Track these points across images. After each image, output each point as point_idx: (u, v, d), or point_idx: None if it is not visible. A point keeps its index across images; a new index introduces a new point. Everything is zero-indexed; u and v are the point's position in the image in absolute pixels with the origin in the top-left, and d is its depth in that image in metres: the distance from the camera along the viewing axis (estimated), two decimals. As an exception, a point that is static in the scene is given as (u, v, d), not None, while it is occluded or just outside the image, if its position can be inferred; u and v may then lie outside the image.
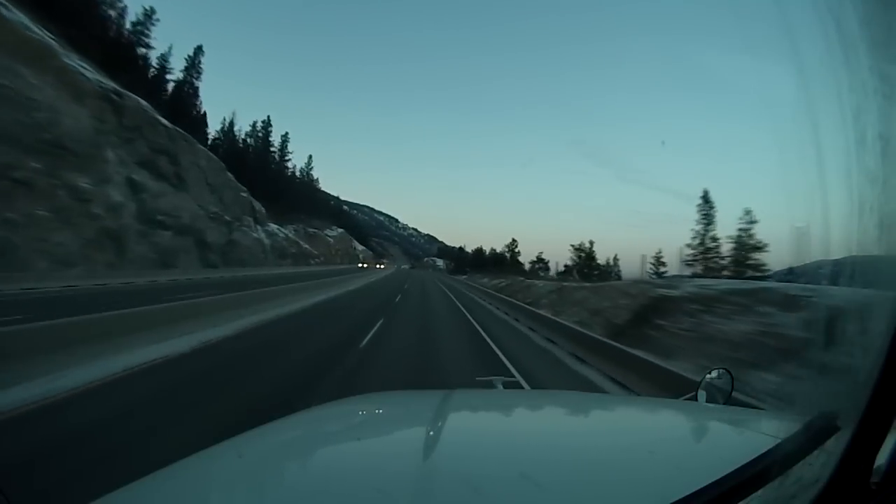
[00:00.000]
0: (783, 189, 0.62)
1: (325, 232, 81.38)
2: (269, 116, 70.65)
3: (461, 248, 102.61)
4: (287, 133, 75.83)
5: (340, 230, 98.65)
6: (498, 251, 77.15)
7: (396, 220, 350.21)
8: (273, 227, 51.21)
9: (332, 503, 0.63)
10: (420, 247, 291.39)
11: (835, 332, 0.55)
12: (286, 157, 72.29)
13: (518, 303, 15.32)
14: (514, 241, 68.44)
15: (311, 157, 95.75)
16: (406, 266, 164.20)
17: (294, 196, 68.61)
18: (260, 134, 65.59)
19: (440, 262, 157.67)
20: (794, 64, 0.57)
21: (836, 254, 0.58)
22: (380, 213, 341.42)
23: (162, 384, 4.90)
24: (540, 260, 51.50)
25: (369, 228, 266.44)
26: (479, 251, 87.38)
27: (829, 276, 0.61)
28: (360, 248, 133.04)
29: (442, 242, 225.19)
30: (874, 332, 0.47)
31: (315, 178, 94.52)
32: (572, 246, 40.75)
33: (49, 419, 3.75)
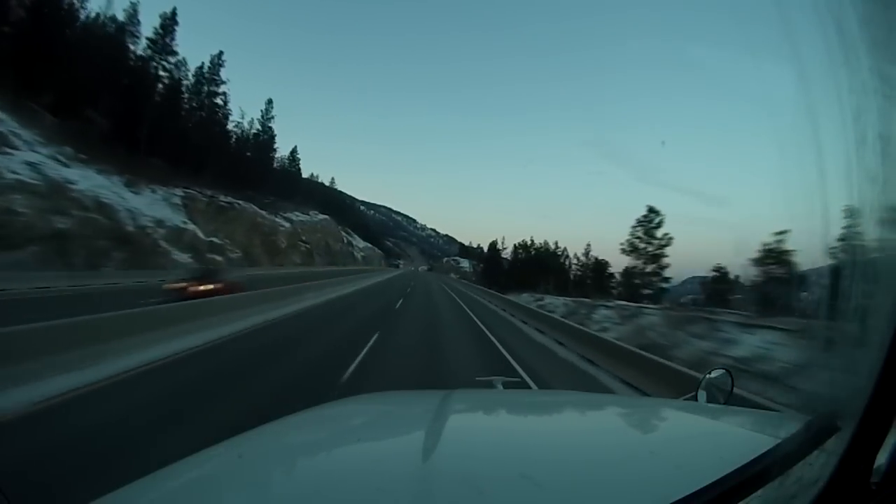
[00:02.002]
0: (783, 189, 0.62)
1: (281, 214, 51.87)
2: (174, 9, 37.85)
3: (494, 246, 73.48)
4: (221, 55, 44.26)
5: (321, 216, 72.03)
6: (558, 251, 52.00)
7: (414, 221, 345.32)
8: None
9: (333, 503, 0.63)
10: (438, 247, 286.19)
11: (835, 332, 0.55)
12: (215, 90, 44.51)
13: None
14: (652, 212, 27.96)
15: (270, 101, 58.63)
16: (424, 267, 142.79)
17: (218, 151, 42.93)
18: (154, 37, 36.76)
19: (465, 263, 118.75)
20: (793, 64, 0.57)
21: (836, 255, 0.58)
22: (398, 213, 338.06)
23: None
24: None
25: (386, 228, 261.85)
26: (526, 248, 56.49)
27: (830, 276, 0.61)
28: (363, 244, 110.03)
29: (461, 243, 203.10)
30: (874, 332, 0.47)
31: (297, 157, 71.80)
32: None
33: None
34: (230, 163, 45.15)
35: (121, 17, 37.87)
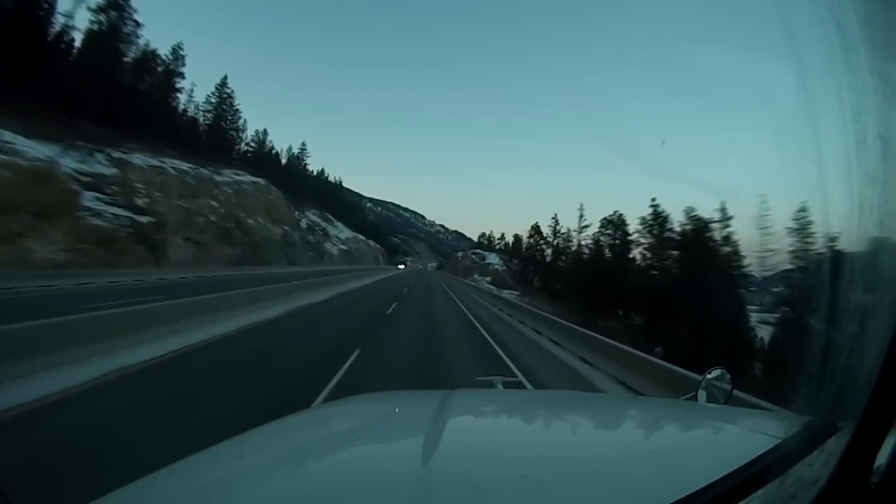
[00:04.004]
0: (783, 188, 0.62)
1: (102, 152, 24.65)
2: None
3: (538, 232, 46.67)
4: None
5: (250, 179, 44.52)
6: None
7: (423, 217, 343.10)
8: None
9: (333, 503, 0.63)
10: (447, 243, 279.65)
11: (835, 332, 0.55)
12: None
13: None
14: None
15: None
16: (433, 265, 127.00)
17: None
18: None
19: (494, 260, 69.02)
20: (794, 64, 0.57)
21: (836, 254, 0.58)
22: (405, 209, 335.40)
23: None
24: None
25: (395, 225, 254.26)
26: (623, 230, 31.00)
27: (830, 276, 0.61)
28: (347, 234, 79.73)
29: (470, 239, 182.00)
30: (874, 332, 0.47)
31: (228, 95, 49.11)
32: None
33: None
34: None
35: None
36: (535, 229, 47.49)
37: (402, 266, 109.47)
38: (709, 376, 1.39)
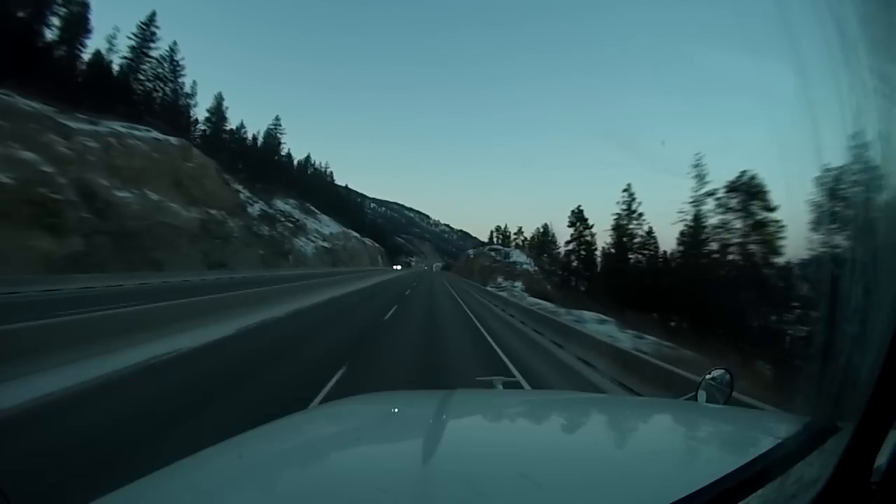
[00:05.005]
0: (784, 187, 0.62)
1: None
2: None
3: (579, 221, 35.64)
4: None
5: (155, 137, 29.67)
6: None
7: (427, 217, 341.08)
8: None
9: (333, 503, 0.63)
10: (453, 242, 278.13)
11: (835, 332, 0.55)
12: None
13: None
14: None
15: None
16: (438, 265, 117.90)
17: None
18: None
19: (521, 258, 50.90)
20: (794, 64, 0.57)
21: (837, 254, 0.58)
22: (410, 209, 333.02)
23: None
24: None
25: (399, 225, 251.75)
26: None
27: (830, 276, 0.61)
28: (333, 229, 64.91)
29: (475, 238, 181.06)
30: (874, 332, 0.47)
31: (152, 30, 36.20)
32: None
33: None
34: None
35: None
36: (578, 216, 35.11)
37: (398, 267, 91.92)
38: (708, 376, 1.39)
